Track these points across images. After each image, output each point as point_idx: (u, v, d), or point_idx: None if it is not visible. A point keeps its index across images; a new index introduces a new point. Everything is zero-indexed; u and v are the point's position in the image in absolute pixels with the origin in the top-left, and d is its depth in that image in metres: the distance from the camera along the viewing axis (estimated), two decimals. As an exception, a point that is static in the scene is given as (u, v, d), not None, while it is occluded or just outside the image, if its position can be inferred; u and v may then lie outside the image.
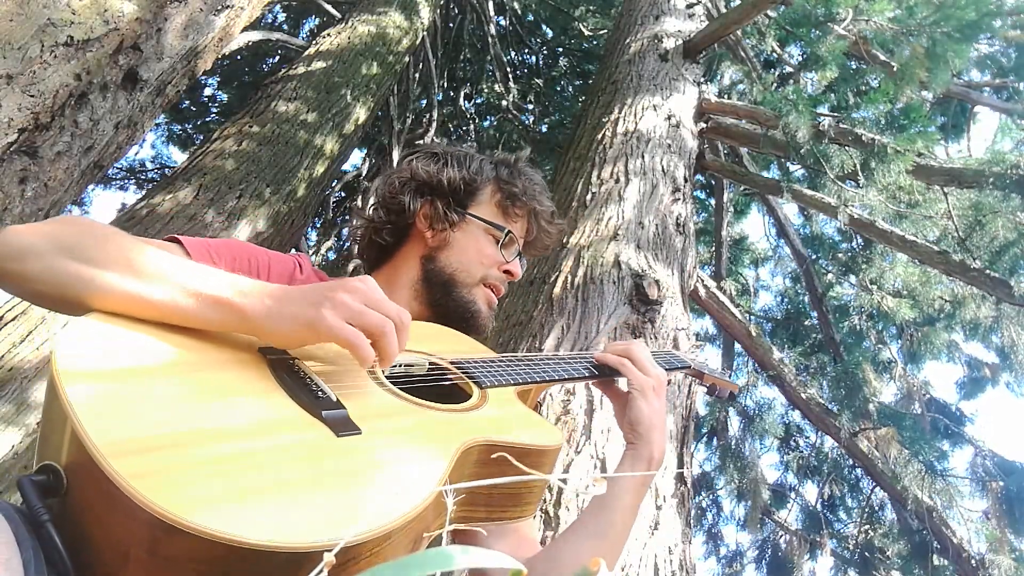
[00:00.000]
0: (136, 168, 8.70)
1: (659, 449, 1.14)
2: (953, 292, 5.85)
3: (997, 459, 5.50)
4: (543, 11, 9.98)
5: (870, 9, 4.39)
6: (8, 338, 3.26)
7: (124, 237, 0.87)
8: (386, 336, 0.81)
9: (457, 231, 1.29)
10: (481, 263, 1.27)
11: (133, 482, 0.55)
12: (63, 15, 1.93)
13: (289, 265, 1.19)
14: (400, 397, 0.87)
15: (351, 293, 0.82)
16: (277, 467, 0.64)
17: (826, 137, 4.07)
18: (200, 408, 0.69)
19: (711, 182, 7.40)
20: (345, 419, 0.75)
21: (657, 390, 1.17)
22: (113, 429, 0.61)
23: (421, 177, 1.31)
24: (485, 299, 1.28)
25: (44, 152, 1.97)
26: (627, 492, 1.10)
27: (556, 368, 1.16)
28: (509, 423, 0.92)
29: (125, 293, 0.79)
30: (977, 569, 4.75)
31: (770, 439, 6.96)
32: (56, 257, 0.81)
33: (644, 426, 1.14)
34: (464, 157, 1.34)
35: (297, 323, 0.80)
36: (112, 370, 0.70)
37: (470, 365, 1.04)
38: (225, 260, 1.05)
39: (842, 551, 6.48)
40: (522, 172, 1.35)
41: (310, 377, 0.81)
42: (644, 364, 1.17)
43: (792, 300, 7.78)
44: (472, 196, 1.31)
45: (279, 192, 4.58)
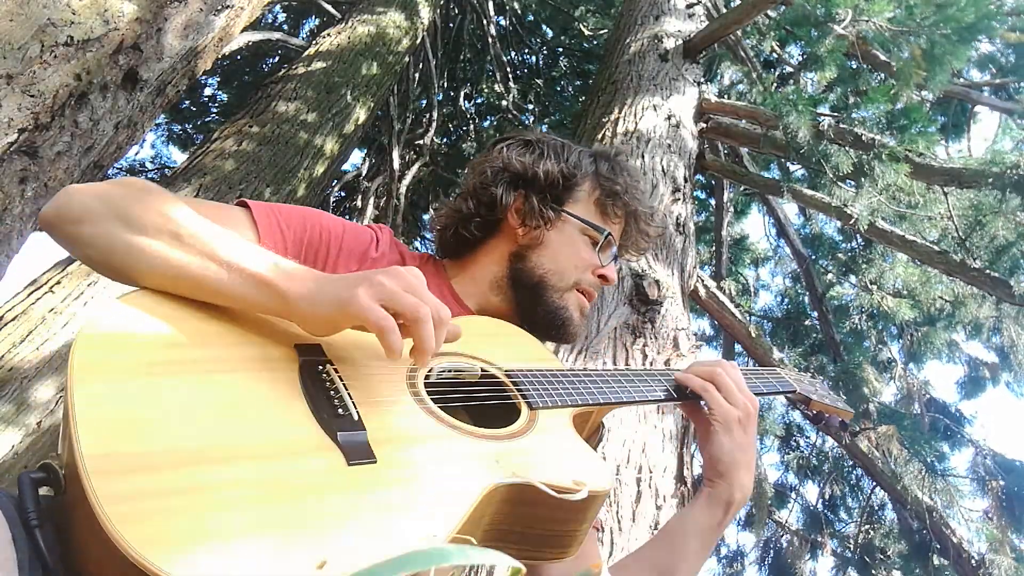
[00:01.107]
0: (136, 168, 8.69)
1: (742, 491, 1.02)
2: (953, 292, 5.85)
3: (998, 458, 5.50)
4: (543, 11, 9.98)
5: (870, 9, 4.39)
6: (8, 338, 3.26)
7: (178, 205, 0.84)
8: (420, 323, 0.74)
9: (551, 230, 1.17)
10: (576, 266, 1.16)
11: (107, 507, 0.54)
12: (63, 15, 1.93)
13: (365, 238, 1.11)
14: (433, 416, 0.79)
15: (391, 276, 0.77)
16: (266, 501, 0.60)
17: (826, 137, 4.08)
18: (210, 420, 0.66)
19: (711, 182, 7.40)
20: (361, 445, 0.70)
21: (744, 422, 1.04)
22: (106, 440, 0.59)
23: (516, 168, 1.18)
24: (577, 305, 1.17)
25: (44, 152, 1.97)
26: (694, 536, 1.00)
27: (623, 388, 1.03)
28: (550, 459, 0.81)
29: (170, 265, 0.78)
30: (977, 569, 4.74)
31: (771, 439, 6.96)
32: (110, 223, 0.80)
33: (725, 464, 1.02)
34: (562, 148, 1.22)
35: (331, 305, 0.76)
36: (129, 367, 0.67)
37: (524, 379, 0.93)
38: (294, 229, 1.01)
39: (842, 551, 6.48)
40: (624, 168, 1.24)
41: (336, 388, 0.76)
42: (731, 391, 1.05)
43: (792, 300, 7.78)
44: (570, 192, 1.19)
45: (279, 192, 4.58)
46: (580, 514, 0.81)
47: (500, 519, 0.76)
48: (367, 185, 7.61)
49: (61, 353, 3.28)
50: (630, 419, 2.37)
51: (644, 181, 1.27)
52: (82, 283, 3.48)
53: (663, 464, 2.39)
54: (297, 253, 1.00)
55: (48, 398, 3.20)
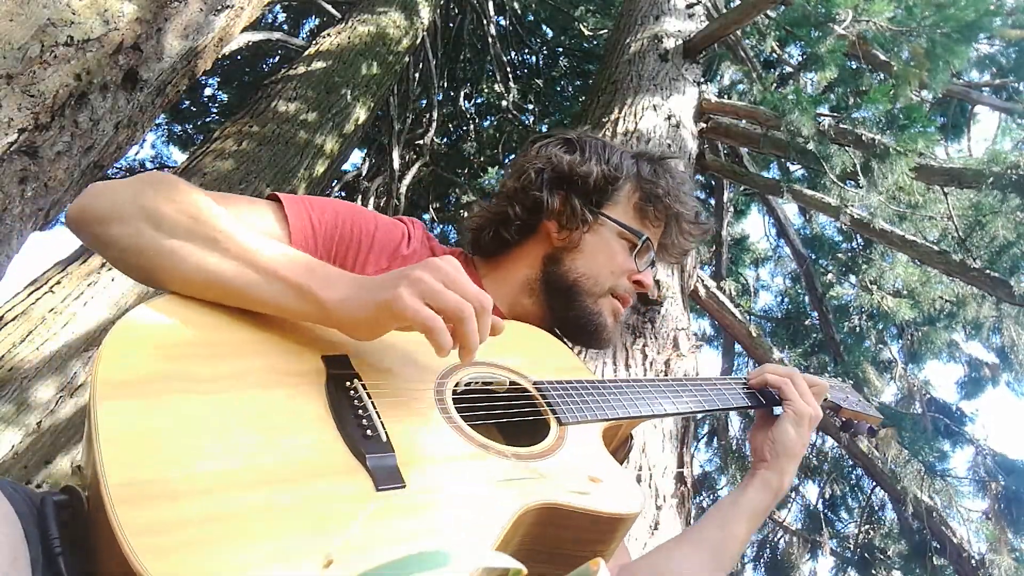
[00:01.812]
0: (136, 168, 8.68)
1: (789, 480, 1.05)
2: (953, 292, 5.85)
3: (998, 458, 5.50)
4: (543, 11, 9.98)
5: (870, 9, 4.39)
6: (8, 338, 3.26)
7: (211, 205, 0.81)
8: (466, 322, 0.73)
9: (589, 232, 1.14)
10: (611, 272, 1.14)
11: (132, 539, 0.53)
12: (63, 15, 1.93)
13: (396, 234, 1.09)
14: (462, 435, 0.78)
15: (431, 271, 0.75)
16: (291, 531, 0.59)
17: (826, 137, 4.07)
18: (235, 442, 0.64)
19: (711, 182, 7.39)
20: (390, 468, 0.68)
21: (812, 421, 1.07)
22: (131, 466, 0.58)
23: (561, 169, 1.15)
24: (612, 311, 1.14)
25: (44, 152, 1.97)
26: (747, 517, 1.03)
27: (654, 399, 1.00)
28: (581, 480, 0.80)
29: (204, 271, 0.75)
30: (977, 569, 4.75)
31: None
32: (139, 223, 0.77)
33: (785, 449, 1.05)
34: (603, 148, 1.20)
35: (373, 307, 0.74)
36: (153, 381, 0.65)
37: (553, 392, 0.91)
38: (326, 224, 0.99)
39: (842, 551, 6.48)
40: (667, 170, 1.21)
41: (364, 407, 0.74)
42: (805, 391, 1.09)
43: (792, 300, 7.78)
44: (610, 195, 1.16)
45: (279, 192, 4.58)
46: (609, 535, 0.81)
47: (529, 541, 0.75)
48: (367, 185, 7.60)
49: (61, 353, 3.28)
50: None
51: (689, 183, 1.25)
52: (82, 283, 3.48)
53: (663, 464, 2.39)
54: (328, 248, 0.99)
55: (48, 398, 3.20)
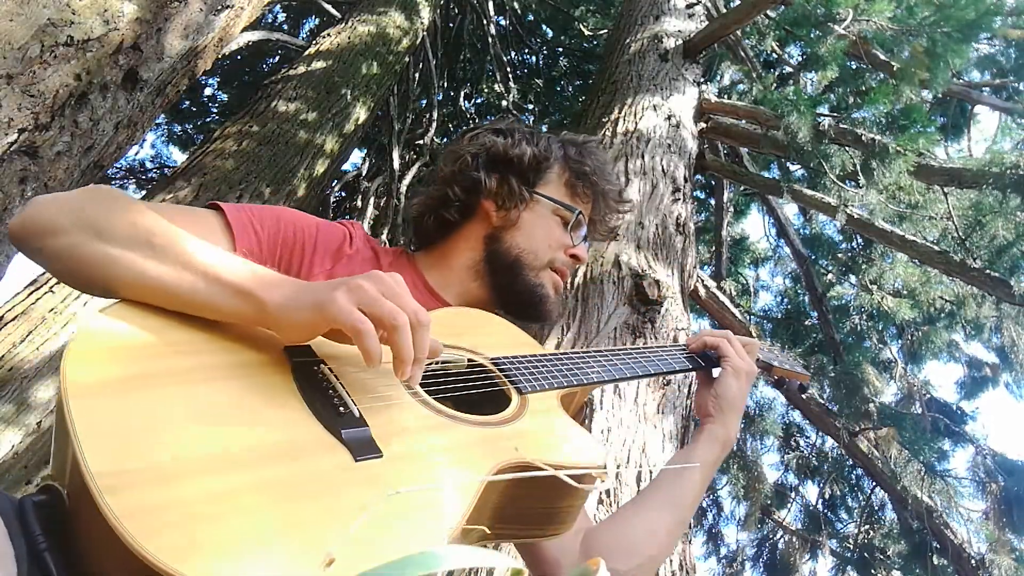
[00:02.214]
0: (136, 168, 8.69)
1: (734, 432, 1.15)
2: (953, 292, 5.85)
3: (998, 458, 5.50)
4: (543, 11, 9.98)
5: (870, 9, 4.39)
6: (8, 338, 3.26)
7: (150, 213, 0.82)
8: (399, 330, 0.74)
9: (525, 211, 1.22)
10: (549, 245, 1.21)
11: (126, 522, 0.53)
12: (63, 15, 1.93)
13: (338, 236, 1.12)
14: (430, 408, 0.81)
15: (371, 280, 0.76)
16: (282, 504, 0.61)
17: (826, 137, 4.07)
18: (210, 428, 0.65)
19: (711, 182, 7.39)
20: (366, 440, 0.70)
21: (749, 376, 1.18)
22: (112, 456, 0.58)
23: (496, 151, 1.23)
24: (552, 283, 1.21)
25: (44, 152, 1.97)
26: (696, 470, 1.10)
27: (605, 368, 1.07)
28: (545, 439, 0.85)
29: (145, 277, 0.76)
30: (977, 569, 4.74)
31: (770, 439, 6.96)
32: (80, 235, 0.78)
33: (728, 403, 1.14)
34: (531, 133, 1.28)
35: (309, 308, 0.75)
36: (122, 379, 0.66)
37: (511, 365, 0.97)
38: (268, 230, 1.01)
39: (842, 551, 6.48)
40: (591, 152, 1.29)
41: (333, 387, 0.76)
42: (739, 348, 1.20)
43: (792, 300, 7.78)
44: (542, 174, 1.24)
45: (279, 192, 4.58)
46: (578, 490, 0.84)
47: (504, 502, 0.78)
48: (367, 185, 7.60)
49: (61, 353, 3.27)
50: (630, 419, 2.37)
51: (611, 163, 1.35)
52: (82, 283, 3.48)
53: (663, 464, 2.39)
54: (272, 252, 1.01)
55: (48, 398, 3.20)
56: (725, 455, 1.15)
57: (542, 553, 1.07)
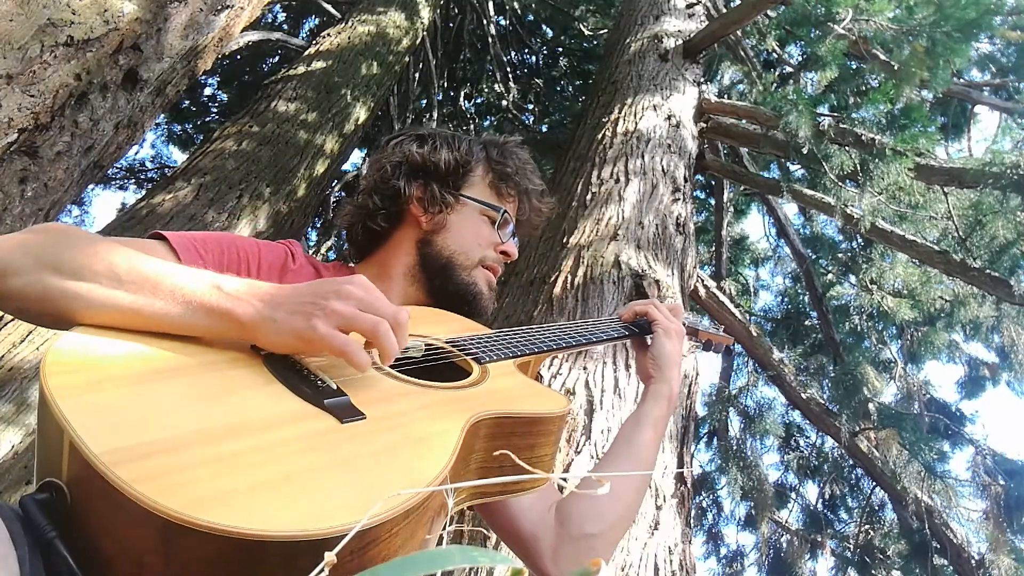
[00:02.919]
0: (136, 168, 8.70)
1: (676, 385, 1.24)
2: (953, 292, 5.85)
3: (998, 458, 5.50)
4: (543, 11, 9.98)
5: (870, 9, 4.39)
6: (8, 338, 3.26)
7: (107, 244, 0.84)
8: (380, 336, 0.79)
9: (452, 213, 1.26)
10: (479, 244, 1.25)
11: (138, 486, 0.54)
12: (63, 15, 1.93)
13: (280, 254, 1.16)
14: (401, 380, 0.86)
15: (343, 299, 0.79)
16: (284, 459, 0.64)
17: (826, 137, 4.07)
18: (199, 409, 0.68)
19: (711, 182, 7.40)
20: (348, 405, 0.74)
21: (679, 334, 1.28)
22: (111, 438, 0.60)
23: (415, 160, 1.27)
24: (485, 280, 1.26)
25: (44, 152, 1.97)
26: (648, 426, 1.19)
27: (559, 337, 1.17)
28: (512, 395, 0.92)
29: (113, 306, 0.77)
30: (977, 569, 4.75)
31: (771, 439, 6.96)
32: (38, 272, 0.78)
33: (665, 361, 1.23)
34: (453, 138, 1.32)
35: (289, 334, 0.78)
36: (104, 380, 0.68)
37: (467, 343, 1.03)
38: (213, 254, 1.03)
39: (842, 551, 6.48)
40: (512, 152, 1.33)
41: (307, 369, 0.80)
42: (668, 313, 1.30)
43: (792, 300, 7.78)
44: (465, 177, 1.29)
45: (279, 192, 4.58)
46: (549, 436, 0.93)
47: (482, 456, 0.83)
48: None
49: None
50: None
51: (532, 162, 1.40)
52: (82, 283, 3.48)
53: (663, 464, 2.39)
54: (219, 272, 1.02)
55: (48, 398, 3.20)
56: (672, 409, 1.23)
57: (520, 530, 1.12)
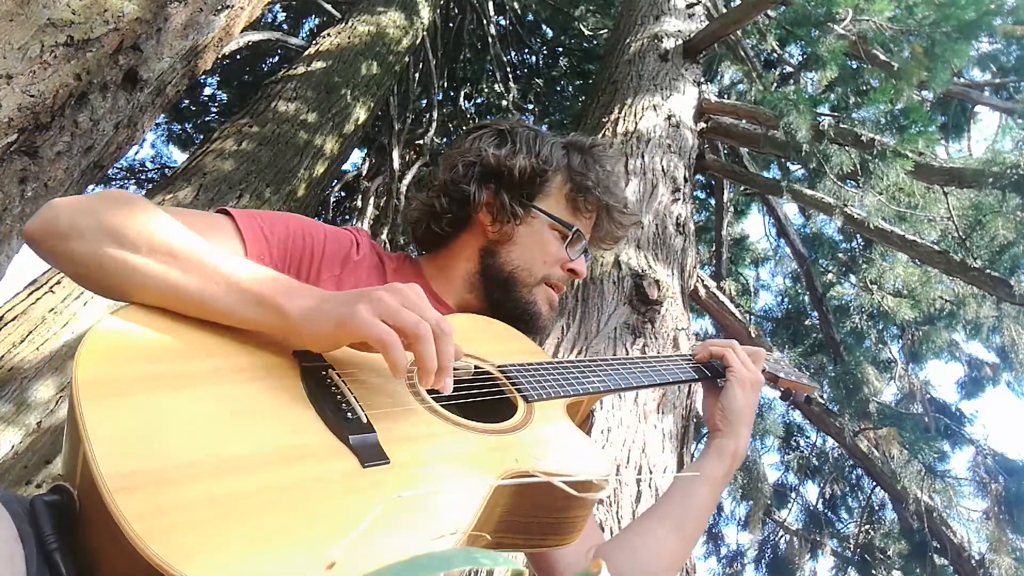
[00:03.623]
0: (136, 168, 8.69)
1: (744, 444, 1.12)
2: (953, 292, 5.85)
3: (998, 458, 5.50)
4: (543, 11, 9.97)
5: (870, 9, 4.39)
6: (8, 338, 3.26)
7: (170, 220, 0.83)
8: (422, 340, 0.75)
9: (521, 225, 1.18)
10: (544, 261, 1.18)
11: (135, 524, 0.54)
12: (63, 15, 1.93)
13: (345, 242, 1.13)
14: (437, 415, 0.82)
15: (391, 293, 0.77)
16: (291, 507, 0.62)
17: (826, 137, 4.07)
18: (219, 432, 0.66)
19: (711, 182, 7.39)
20: (373, 446, 0.71)
21: (755, 385, 1.15)
22: (123, 458, 0.59)
23: (489, 163, 1.19)
24: (546, 299, 1.20)
25: (44, 152, 1.97)
26: (705, 485, 1.07)
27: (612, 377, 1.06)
28: (551, 448, 0.85)
29: (167, 284, 0.77)
30: (977, 569, 4.75)
31: (771, 439, 6.96)
32: (99, 241, 0.78)
33: (735, 414, 1.12)
34: (534, 140, 1.22)
35: (332, 321, 0.76)
36: (134, 380, 0.67)
37: (518, 374, 0.96)
38: (278, 236, 1.02)
39: (843, 551, 6.48)
40: (597, 160, 1.24)
41: (341, 392, 0.77)
42: (745, 357, 1.17)
43: (792, 300, 7.77)
44: (540, 187, 1.20)
45: (279, 192, 4.58)
46: (583, 501, 0.85)
47: (509, 510, 0.78)
48: (367, 185, 7.60)
49: (61, 353, 3.27)
50: (630, 419, 2.37)
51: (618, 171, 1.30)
52: (82, 283, 3.48)
53: (663, 464, 2.39)
54: (282, 259, 1.01)
55: (48, 398, 3.20)
56: (736, 468, 1.12)
57: (553, 570, 1.07)
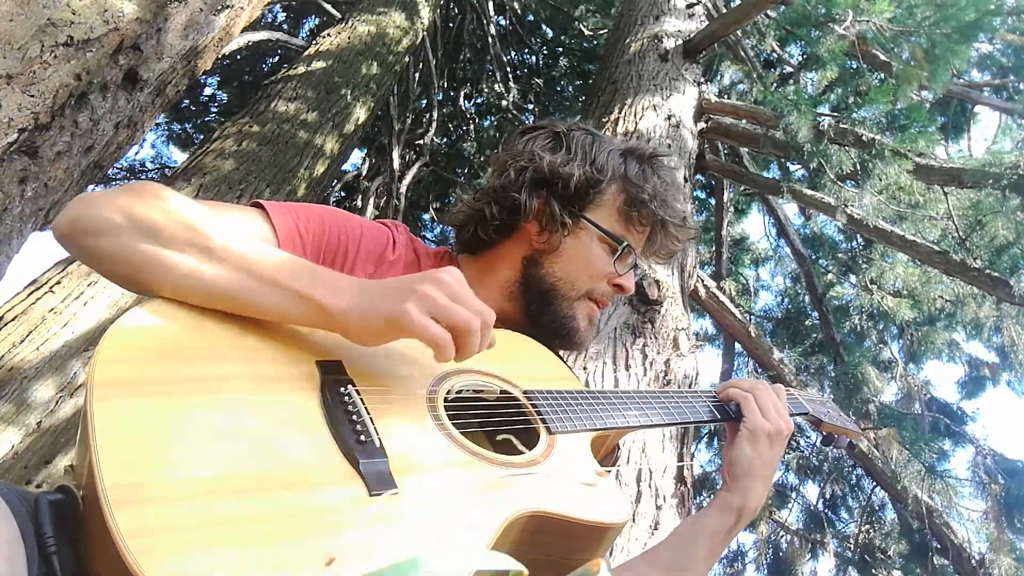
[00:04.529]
0: (136, 168, 8.69)
1: (755, 500, 1.03)
2: (953, 292, 5.84)
3: (998, 458, 5.50)
4: (543, 11, 9.97)
5: (870, 9, 4.38)
6: (8, 338, 3.26)
7: (203, 215, 0.81)
8: (470, 333, 0.75)
9: (569, 236, 1.12)
10: (590, 276, 1.12)
11: (129, 542, 0.54)
12: (63, 15, 1.93)
13: (382, 238, 1.10)
14: (453, 442, 0.79)
15: (437, 285, 0.76)
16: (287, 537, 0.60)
17: (826, 137, 4.07)
18: (231, 446, 0.65)
19: (711, 182, 7.39)
20: (383, 474, 0.69)
21: (773, 437, 1.06)
22: (127, 469, 0.59)
23: (542, 170, 1.12)
24: (587, 314, 1.13)
25: (44, 152, 1.97)
26: (705, 539, 1.01)
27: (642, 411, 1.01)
28: (569, 489, 0.81)
29: (202, 281, 0.75)
30: (977, 569, 4.74)
31: (770, 439, 6.94)
32: (132, 236, 0.76)
33: (742, 470, 1.03)
34: (591, 145, 1.15)
35: (381, 320, 0.75)
36: (150, 383, 0.66)
37: (543, 401, 0.92)
38: (313, 231, 0.99)
39: (843, 551, 6.48)
40: (656, 171, 1.16)
41: (359, 412, 0.75)
42: (766, 405, 1.07)
43: (792, 300, 7.77)
44: (592, 197, 1.13)
45: (279, 192, 4.58)
46: (596, 543, 0.82)
47: (517, 548, 0.76)
48: (367, 185, 7.60)
49: (61, 353, 3.27)
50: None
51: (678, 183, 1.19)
52: (82, 283, 3.48)
53: (663, 464, 2.39)
54: (316, 254, 0.99)
55: (48, 398, 3.20)
56: (743, 526, 1.04)
57: None
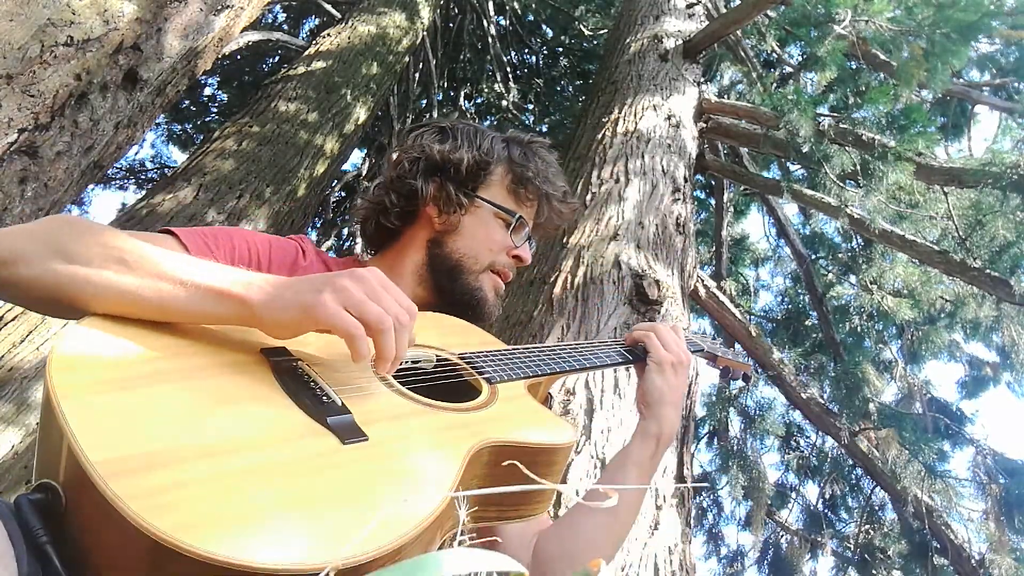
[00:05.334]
0: (136, 168, 8.70)
1: (669, 426, 1.16)
2: (953, 292, 5.84)
3: (998, 458, 5.49)
4: (543, 11, 9.98)
5: (870, 9, 4.38)
6: (8, 338, 3.26)
7: (116, 234, 0.84)
8: (384, 334, 0.77)
9: (466, 215, 1.23)
10: (490, 249, 1.23)
11: (132, 504, 0.54)
12: (63, 15, 1.93)
13: (291, 251, 1.15)
14: (407, 397, 0.85)
15: (356, 281, 0.79)
16: (280, 482, 0.63)
17: (826, 137, 4.07)
18: (201, 420, 0.67)
19: (711, 182, 7.39)
20: (351, 425, 0.73)
21: (676, 367, 1.19)
22: (110, 446, 0.59)
23: (433, 158, 1.24)
24: (492, 286, 1.24)
25: (44, 152, 1.97)
26: (632, 467, 1.13)
27: (571, 358, 1.14)
28: (518, 421, 0.90)
29: (123, 292, 0.76)
30: (977, 569, 4.75)
31: (771, 439, 6.96)
32: (48, 261, 0.77)
33: (654, 399, 1.16)
34: (475, 134, 1.28)
35: (296, 309, 0.77)
36: (109, 382, 0.68)
37: (478, 359, 1.01)
38: (224, 250, 1.03)
39: (843, 551, 6.48)
40: (535, 152, 1.30)
41: (314, 380, 0.79)
42: (667, 340, 1.21)
43: (792, 300, 7.77)
44: (483, 178, 1.25)
45: (279, 192, 4.58)
46: (552, 467, 0.91)
47: (481, 482, 0.82)
48: (367, 185, 7.59)
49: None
50: (630, 419, 2.37)
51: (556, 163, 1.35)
52: (82, 283, 3.48)
53: (663, 464, 2.39)
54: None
55: (48, 398, 3.20)
56: (664, 450, 1.16)
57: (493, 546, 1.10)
